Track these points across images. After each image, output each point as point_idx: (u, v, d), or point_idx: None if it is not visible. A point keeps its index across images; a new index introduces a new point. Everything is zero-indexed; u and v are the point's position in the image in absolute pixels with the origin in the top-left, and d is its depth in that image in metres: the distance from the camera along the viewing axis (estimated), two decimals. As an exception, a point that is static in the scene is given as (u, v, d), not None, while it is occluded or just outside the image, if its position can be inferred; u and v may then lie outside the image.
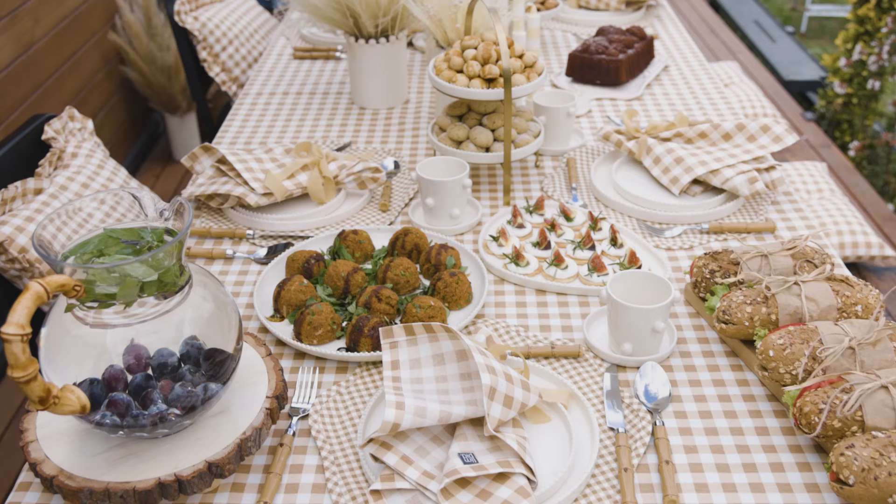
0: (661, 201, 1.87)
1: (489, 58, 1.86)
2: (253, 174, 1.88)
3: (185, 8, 3.08)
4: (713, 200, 1.88)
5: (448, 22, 2.13)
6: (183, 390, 1.21)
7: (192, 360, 1.22)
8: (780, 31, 6.42)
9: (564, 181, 2.02)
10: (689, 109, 2.38)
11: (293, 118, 2.38)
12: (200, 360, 1.22)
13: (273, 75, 2.66)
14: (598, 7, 3.01)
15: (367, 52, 2.31)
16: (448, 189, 1.78)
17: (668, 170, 1.93)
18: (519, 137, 1.95)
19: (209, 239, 1.84)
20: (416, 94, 2.51)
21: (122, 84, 4.37)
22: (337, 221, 1.88)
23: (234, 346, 1.24)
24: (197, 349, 1.20)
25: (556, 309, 1.61)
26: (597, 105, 2.42)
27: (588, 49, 2.48)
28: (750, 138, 1.96)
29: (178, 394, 1.20)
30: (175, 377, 1.19)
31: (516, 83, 1.86)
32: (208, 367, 1.22)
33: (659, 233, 1.82)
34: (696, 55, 2.77)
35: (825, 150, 4.42)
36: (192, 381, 1.22)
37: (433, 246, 1.68)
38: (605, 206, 1.92)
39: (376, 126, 2.32)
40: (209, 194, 1.89)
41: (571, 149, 2.15)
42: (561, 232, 1.77)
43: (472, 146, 1.93)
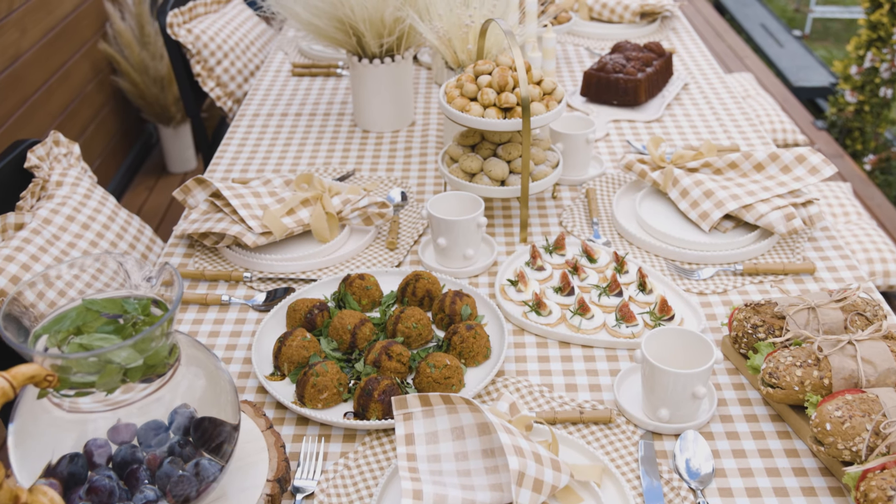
0: (691, 239, 1.74)
1: (505, 85, 1.72)
2: (250, 211, 1.74)
3: (177, 20, 2.94)
4: (746, 238, 1.74)
5: (459, 43, 1.99)
6: (172, 469, 1.07)
7: (183, 431, 1.09)
8: (788, 35, 6.29)
9: (584, 215, 1.89)
10: (711, 132, 2.24)
11: (293, 142, 2.24)
12: (191, 429, 1.09)
13: (270, 94, 2.52)
14: (611, 19, 2.88)
15: (372, 73, 2.17)
16: (461, 228, 1.65)
17: (696, 204, 1.79)
18: (536, 169, 1.81)
19: (203, 282, 1.71)
20: (423, 114, 2.37)
21: (114, 94, 4.22)
22: (341, 262, 1.75)
23: (230, 426, 1.10)
24: (188, 418, 1.07)
25: (582, 364, 1.47)
26: (614, 127, 2.28)
27: (604, 67, 2.34)
28: (784, 169, 1.83)
29: (166, 471, 1.07)
30: (164, 449, 1.05)
31: (535, 112, 1.72)
32: (199, 438, 1.08)
33: (689, 274, 1.68)
34: (713, 69, 2.63)
35: (838, 160, 4.29)
36: (182, 454, 1.08)
37: (447, 293, 1.55)
38: (629, 244, 1.79)
39: (381, 151, 2.18)
40: (203, 232, 1.75)
41: (591, 178, 2.01)
42: (584, 275, 1.64)
43: (486, 179, 1.79)
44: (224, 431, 1.09)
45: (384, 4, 2.00)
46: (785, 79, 5.60)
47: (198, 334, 1.57)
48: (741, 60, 5.63)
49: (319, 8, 2.04)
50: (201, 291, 1.68)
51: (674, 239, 1.75)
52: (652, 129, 2.26)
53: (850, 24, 7.97)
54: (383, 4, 2.00)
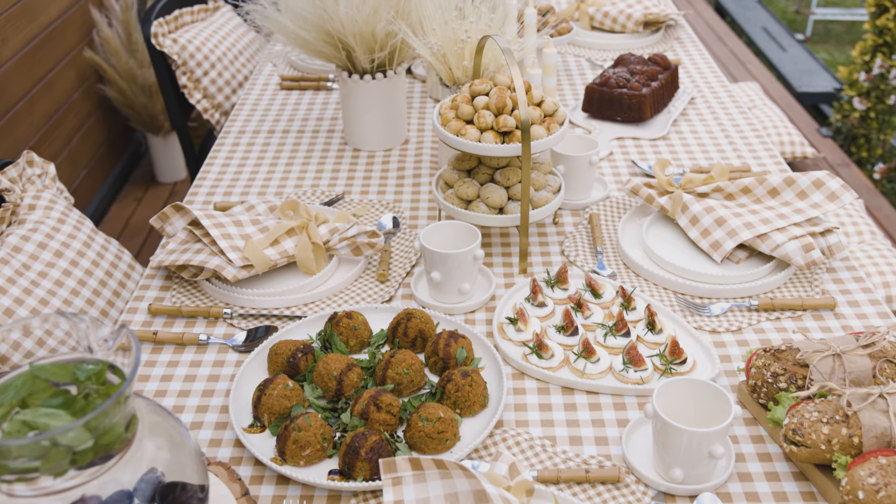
0: (701, 271, 1.63)
1: (503, 107, 1.61)
2: (230, 242, 1.62)
3: (162, 30, 2.82)
4: (761, 270, 1.63)
5: (454, 58, 1.88)
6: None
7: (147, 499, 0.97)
8: (790, 39, 6.19)
9: (588, 243, 1.78)
10: (720, 149, 2.13)
11: (279, 161, 2.13)
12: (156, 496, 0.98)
13: (257, 109, 2.41)
14: (612, 29, 2.76)
15: (362, 89, 2.05)
16: (457, 262, 1.53)
17: (707, 232, 1.68)
18: (537, 195, 1.70)
19: (180, 319, 1.59)
20: (417, 131, 2.25)
21: (101, 103, 4.10)
22: (328, 296, 1.63)
23: (196, 501, 0.99)
24: (154, 484, 0.95)
25: (587, 413, 1.36)
26: (618, 145, 2.17)
27: (607, 82, 2.23)
28: (801, 195, 1.72)
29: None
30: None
31: (535, 136, 1.61)
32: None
33: (700, 309, 1.57)
34: (720, 80, 2.52)
35: (844, 168, 4.19)
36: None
37: (441, 334, 1.43)
38: (635, 275, 1.68)
39: (372, 171, 2.07)
40: (181, 265, 1.64)
41: (594, 202, 1.90)
42: (589, 313, 1.53)
43: (483, 206, 1.68)
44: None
45: (375, 18, 1.89)
46: (788, 84, 5.49)
47: (172, 378, 1.45)
48: (744, 66, 5.52)
49: (307, 20, 1.93)
50: (177, 330, 1.56)
51: (683, 271, 1.63)
52: (658, 147, 2.15)
53: (851, 26, 7.87)
54: (374, 18, 1.89)
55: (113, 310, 1.90)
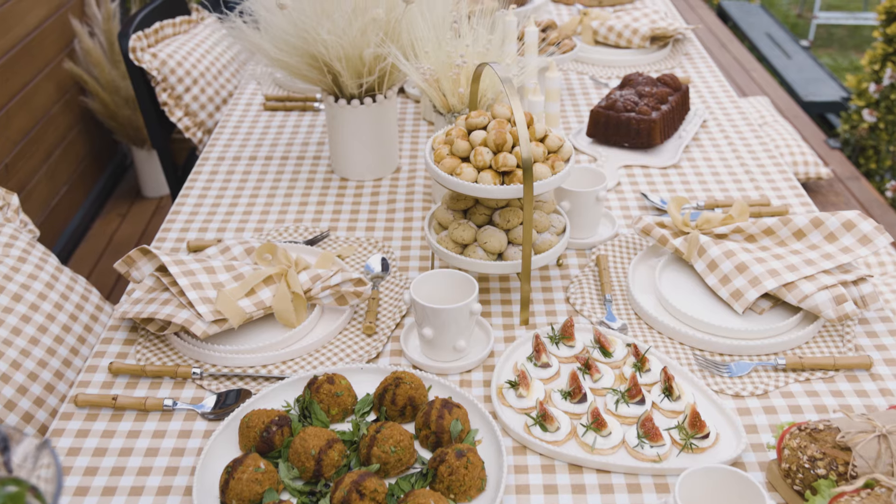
0: (721, 324, 1.47)
1: (503, 144, 1.45)
2: (201, 292, 1.47)
3: (141, 44, 2.66)
4: (787, 322, 1.48)
5: (449, 84, 1.72)
6: None
7: None
8: (795, 46, 6.04)
9: (595, 288, 1.62)
10: (735, 178, 1.97)
11: (260, 192, 1.97)
12: None
13: (239, 132, 2.25)
14: (618, 44, 2.61)
15: (350, 115, 1.90)
16: (451, 318, 1.38)
17: (727, 280, 1.53)
18: (540, 238, 1.54)
19: (144, 379, 1.43)
20: (409, 158, 2.10)
21: (83, 115, 3.94)
22: (309, 352, 1.48)
23: None
24: None
25: (597, 496, 1.20)
26: (625, 173, 2.01)
27: (614, 105, 2.07)
28: (829, 237, 1.56)
29: None
30: None
31: (538, 176, 1.45)
32: None
33: (721, 369, 1.42)
34: (731, 98, 2.37)
35: (853, 182, 4.04)
36: None
37: (433, 403, 1.28)
38: (648, 328, 1.52)
39: (361, 204, 1.91)
40: (146, 318, 1.48)
41: (601, 241, 1.74)
42: (598, 376, 1.37)
43: (480, 252, 1.52)
44: None
45: (362, 41, 1.73)
46: (794, 92, 5.34)
47: (132, 451, 1.29)
48: (748, 74, 5.38)
49: (289, 43, 1.77)
50: (141, 392, 1.40)
51: (701, 324, 1.48)
52: (668, 176, 2.00)
53: (854, 30, 7.74)
54: (361, 41, 1.73)
55: (77, 358, 1.74)
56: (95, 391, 1.41)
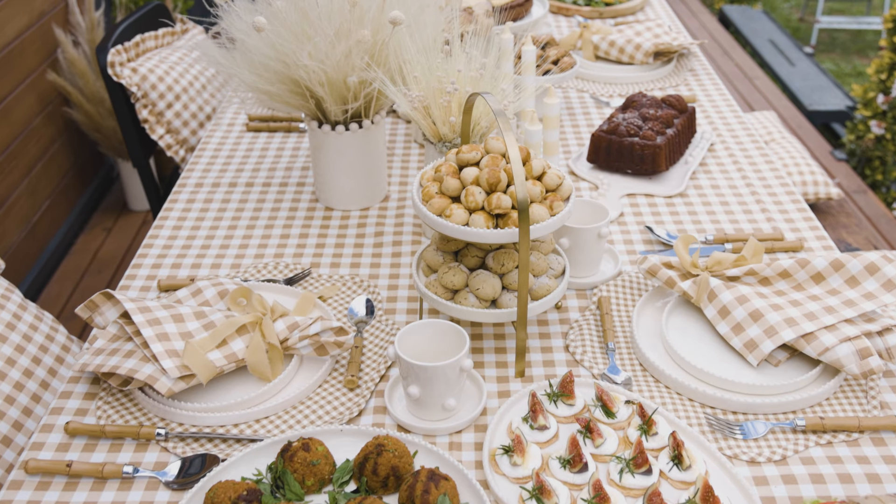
0: (734, 378, 1.35)
1: (497, 183, 1.33)
2: (167, 344, 1.34)
3: (120, 58, 2.54)
4: (805, 377, 1.35)
5: (439, 112, 1.60)
6: None
7: None
8: (798, 53, 5.92)
9: (597, 335, 1.50)
10: (745, 207, 1.85)
11: (239, 223, 1.84)
12: None
13: (219, 156, 2.12)
14: (619, 60, 2.49)
15: (335, 142, 1.77)
16: (440, 375, 1.26)
17: (740, 328, 1.41)
18: (537, 283, 1.42)
19: (104, 440, 1.31)
20: (398, 184, 1.97)
21: (66, 127, 3.82)
22: (285, 409, 1.35)
23: None
24: None
25: (600, 584, 1.08)
26: (628, 202, 1.89)
27: (616, 129, 1.95)
28: (851, 281, 1.44)
29: None
30: None
31: (535, 219, 1.33)
32: None
33: (734, 430, 1.30)
34: (738, 118, 2.25)
35: (860, 196, 3.93)
36: None
37: (418, 474, 1.15)
38: (654, 380, 1.40)
39: (346, 237, 1.79)
40: (107, 372, 1.35)
41: (603, 281, 1.62)
42: (600, 440, 1.25)
43: (472, 298, 1.40)
44: None
45: (346, 65, 1.61)
46: (797, 101, 5.23)
47: (87, 527, 1.17)
48: (751, 81, 5.27)
49: (269, 67, 1.65)
50: (99, 456, 1.28)
51: (712, 378, 1.36)
52: (675, 205, 1.87)
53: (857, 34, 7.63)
54: (345, 65, 1.61)
55: (39, 406, 1.62)
56: (49, 455, 1.28)
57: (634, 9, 2.95)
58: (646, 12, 2.98)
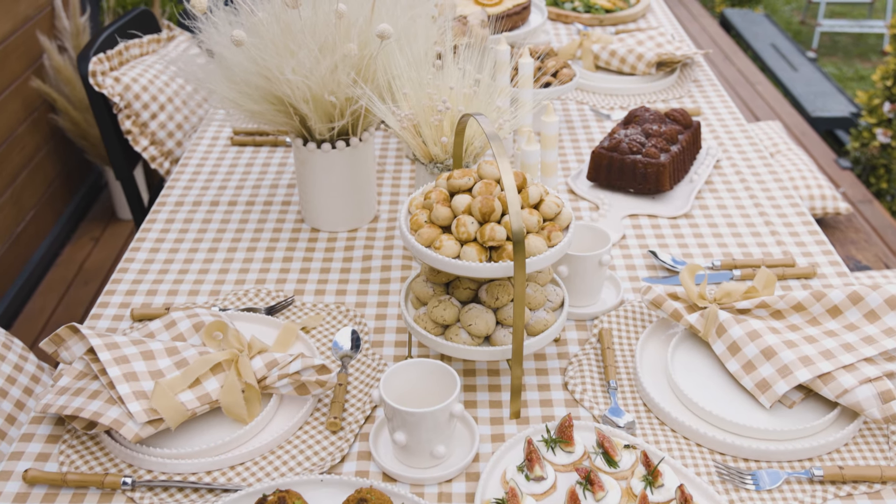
0: (745, 422, 1.26)
1: (490, 212, 1.23)
2: (135, 385, 1.25)
3: (102, 67, 2.44)
4: (822, 421, 1.26)
5: (430, 131, 1.50)
6: None
7: None
8: (801, 58, 5.83)
9: (598, 371, 1.40)
10: (753, 230, 1.76)
11: (221, 244, 1.75)
12: None
13: (202, 172, 2.03)
14: (620, 70, 2.39)
15: (321, 160, 1.68)
16: (428, 422, 1.16)
17: (752, 366, 1.31)
18: (534, 318, 1.33)
19: (66, 490, 1.21)
20: (389, 203, 1.88)
21: (52, 134, 3.72)
22: (262, 454, 1.26)
23: None
24: None
25: None
26: (630, 224, 1.79)
27: (618, 146, 1.85)
28: (870, 316, 1.35)
29: None
30: None
31: (532, 251, 1.24)
32: None
33: (745, 479, 1.20)
34: (743, 129, 2.15)
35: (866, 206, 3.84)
36: None
37: (404, 534, 1.06)
38: (659, 423, 1.30)
39: (332, 262, 1.69)
40: (70, 414, 1.26)
41: (605, 311, 1.52)
42: (602, 494, 1.15)
43: (464, 335, 1.30)
44: None
45: (332, 81, 1.51)
46: (800, 107, 5.13)
47: (43, 590, 1.08)
48: (753, 87, 5.18)
49: (250, 83, 1.55)
50: (59, 508, 1.19)
51: (721, 421, 1.26)
52: (679, 227, 1.78)
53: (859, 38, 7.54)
54: (331, 81, 1.51)
55: (3, 443, 1.52)
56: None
57: (636, 16, 2.86)
58: (647, 19, 2.88)
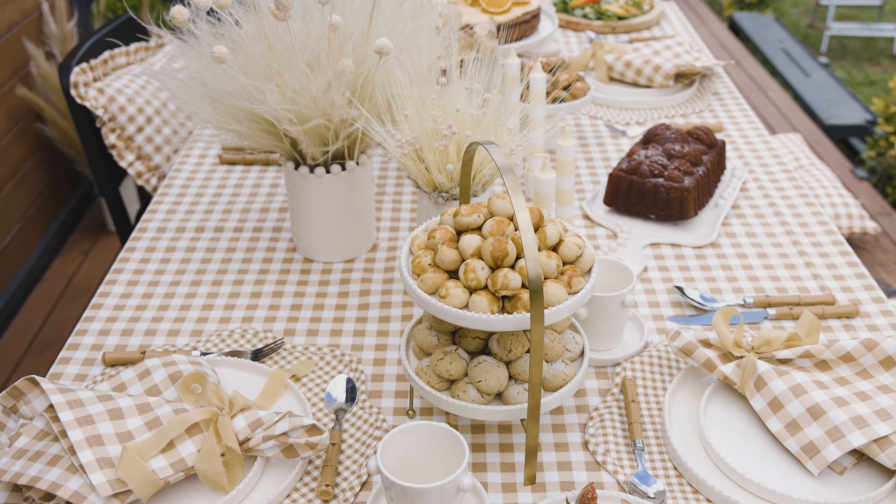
0: (790, 492, 1.11)
1: (503, 256, 1.08)
2: (99, 451, 1.10)
3: (85, 77, 2.30)
4: (879, 492, 1.11)
5: (434, 158, 1.35)
6: None
7: None
8: (813, 63, 5.68)
9: (621, 428, 1.25)
10: (788, 263, 1.61)
11: (205, 276, 1.60)
12: None
13: (187, 194, 1.88)
14: (636, 82, 2.24)
15: (315, 185, 1.53)
16: (433, 497, 1.01)
17: (797, 427, 1.16)
18: (551, 371, 1.18)
19: (18, 573, 1.07)
20: (389, 230, 1.73)
21: (40, 145, 3.58)
22: (243, 530, 1.11)
23: None
24: None
25: None
26: (652, 254, 1.65)
27: (638, 169, 1.71)
28: (929, 369, 1.20)
29: None
30: None
31: (551, 301, 1.09)
32: None
33: (795, 560, 1.05)
34: (768, 146, 2.01)
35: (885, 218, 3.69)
36: None
37: None
38: (692, 491, 1.16)
39: (326, 297, 1.54)
40: (27, 484, 1.11)
41: (627, 357, 1.38)
42: (632, 583, 1.01)
43: (472, 391, 1.15)
44: None
45: (325, 101, 1.36)
46: (813, 114, 4.98)
47: None
48: (765, 94, 5.04)
49: (236, 107, 1.40)
50: None
51: (764, 490, 1.11)
52: (705, 258, 1.63)
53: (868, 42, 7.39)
54: (324, 101, 1.36)
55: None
56: (-50, 593, 1.04)
57: (650, 23, 2.71)
58: (661, 26, 2.74)
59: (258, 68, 1.33)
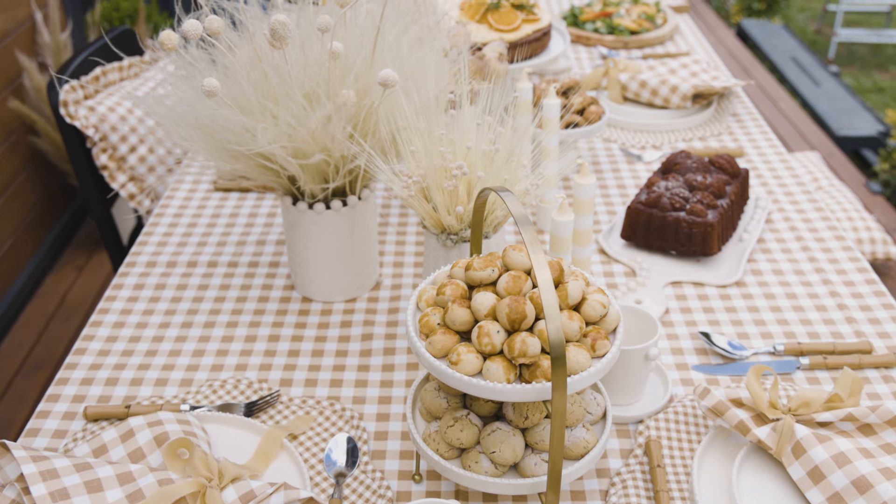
0: (839, 576, 1.01)
1: (521, 319, 0.98)
2: (74, 531, 1.00)
3: (75, 96, 2.20)
4: (935, 575, 1.01)
5: (442, 198, 1.25)
6: None
7: None
8: (823, 71, 5.58)
9: (646, 497, 1.15)
10: (819, 306, 1.51)
11: (196, 318, 1.50)
12: None
13: (179, 224, 1.78)
14: (651, 102, 2.14)
15: (314, 222, 1.43)
16: (442, 591, 0.91)
17: (840, 501, 1.06)
18: (571, 438, 1.07)
19: None
20: (392, 266, 1.63)
21: (33, 158, 3.48)
22: None
23: None
24: None
25: None
26: (673, 293, 1.54)
27: (659, 202, 1.60)
28: (984, 437, 1.09)
29: None
30: None
31: (574, 368, 0.98)
32: None
33: None
34: (792, 173, 1.90)
35: (901, 236, 3.58)
36: None
37: None
38: (728, 572, 1.05)
39: (325, 341, 1.44)
40: (-7, 565, 1.01)
41: (651, 413, 1.27)
42: None
43: (486, 463, 1.05)
44: None
45: (324, 136, 1.26)
46: (825, 125, 4.88)
47: None
48: (775, 104, 4.93)
49: (230, 142, 1.30)
50: None
51: (808, 574, 1.01)
52: (730, 298, 1.53)
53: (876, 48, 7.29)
54: (323, 136, 1.26)
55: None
56: None
57: (663, 38, 2.61)
58: (676, 42, 2.63)
59: (252, 101, 1.23)
